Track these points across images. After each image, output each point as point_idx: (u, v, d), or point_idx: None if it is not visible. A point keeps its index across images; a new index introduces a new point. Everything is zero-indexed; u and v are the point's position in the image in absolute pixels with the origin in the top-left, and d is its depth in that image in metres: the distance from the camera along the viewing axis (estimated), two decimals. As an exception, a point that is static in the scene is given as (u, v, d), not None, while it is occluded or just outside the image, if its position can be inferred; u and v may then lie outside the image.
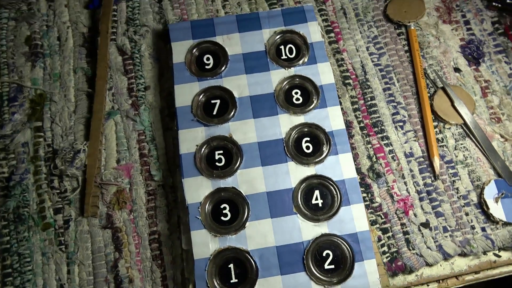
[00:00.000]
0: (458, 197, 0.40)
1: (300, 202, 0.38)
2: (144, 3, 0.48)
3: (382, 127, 0.43)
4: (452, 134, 0.43)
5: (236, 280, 0.36)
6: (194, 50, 0.43)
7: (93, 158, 0.41)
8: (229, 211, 0.37)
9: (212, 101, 0.41)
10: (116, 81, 0.45)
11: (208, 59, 0.43)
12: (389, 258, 0.38)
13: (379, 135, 0.43)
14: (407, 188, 0.41)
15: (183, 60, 0.42)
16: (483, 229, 0.39)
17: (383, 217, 0.40)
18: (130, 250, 0.39)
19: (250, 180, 0.38)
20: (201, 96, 0.41)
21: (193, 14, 0.47)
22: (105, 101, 0.43)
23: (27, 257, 0.39)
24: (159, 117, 0.44)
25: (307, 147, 0.39)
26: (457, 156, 0.42)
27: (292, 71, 0.42)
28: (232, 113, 0.40)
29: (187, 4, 0.48)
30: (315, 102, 0.41)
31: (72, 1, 0.48)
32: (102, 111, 0.43)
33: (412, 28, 0.46)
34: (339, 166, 0.39)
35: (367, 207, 0.40)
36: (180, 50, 0.43)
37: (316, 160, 0.39)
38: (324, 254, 0.36)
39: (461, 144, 0.42)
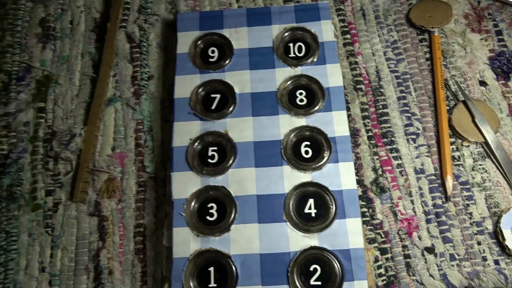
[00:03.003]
0: (470, 223, 0.36)
1: (291, 210, 0.35)
2: (158, -8, 0.47)
3: (392, 138, 0.39)
4: (471, 153, 0.38)
5: (215, 285, 0.33)
6: (199, 42, 0.41)
7: (88, 143, 0.41)
8: (216, 211, 0.35)
9: (212, 95, 0.39)
10: (121, 68, 0.44)
11: (213, 51, 0.41)
12: (385, 282, 0.35)
13: (388, 147, 0.39)
14: (413, 207, 0.37)
15: (187, 51, 0.41)
16: (496, 262, 0.35)
17: (383, 236, 0.36)
18: (113, 241, 0.38)
19: (241, 180, 0.36)
20: (201, 89, 0.39)
21: (205, 6, 0.46)
22: (107, 87, 0.43)
23: (14, 236, 0.38)
24: (159, 108, 0.43)
25: (306, 152, 0.37)
26: (474, 178, 0.38)
27: (298, 70, 0.40)
28: (231, 109, 0.38)
29: (200, -4, 0.46)
30: (319, 104, 0.38)
31: (89, -14, 0.48)
32: (103, 97, 0.42)
33: (436, 34, 0.42)
34: (338, 175, 0.36)
35: (366, 223, 0.37)
36: (185, 41, 0.41)
37: (314, 166, 0.36)
38: (311, 269, 0.33)
39: (480, 165, 0.38)
